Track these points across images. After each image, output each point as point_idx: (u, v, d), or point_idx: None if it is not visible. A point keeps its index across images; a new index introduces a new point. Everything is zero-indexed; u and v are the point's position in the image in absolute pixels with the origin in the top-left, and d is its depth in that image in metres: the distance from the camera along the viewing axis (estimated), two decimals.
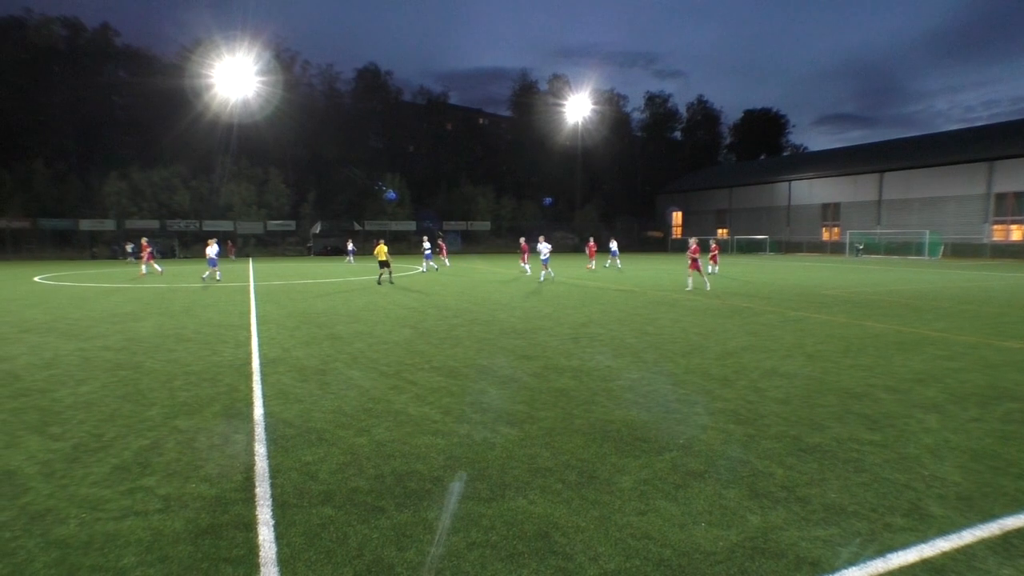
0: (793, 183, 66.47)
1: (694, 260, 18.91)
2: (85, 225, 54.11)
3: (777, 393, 6.69)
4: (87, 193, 55.63)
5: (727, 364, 8.20)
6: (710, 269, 23.04)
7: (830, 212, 62.52)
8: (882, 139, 70.00)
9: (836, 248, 59.86)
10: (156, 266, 28.27)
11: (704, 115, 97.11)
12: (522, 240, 30.66)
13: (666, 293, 18.20)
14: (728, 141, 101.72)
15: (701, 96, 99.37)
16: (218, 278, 23.52)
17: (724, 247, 68.37)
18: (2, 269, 33.59)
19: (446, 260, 33.85)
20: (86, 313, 13.82)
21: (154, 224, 55.72)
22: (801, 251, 62.85)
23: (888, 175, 57.00)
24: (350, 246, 42.93)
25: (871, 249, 54.85)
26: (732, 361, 8.40)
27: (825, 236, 62.87)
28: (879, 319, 12.52)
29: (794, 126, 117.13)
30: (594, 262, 31.51)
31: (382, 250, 21.41)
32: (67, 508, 3.91)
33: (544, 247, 22.84)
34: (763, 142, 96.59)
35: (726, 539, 3.51)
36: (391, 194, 65.03)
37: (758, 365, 8.13)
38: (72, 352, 9.13)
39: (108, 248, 52.25)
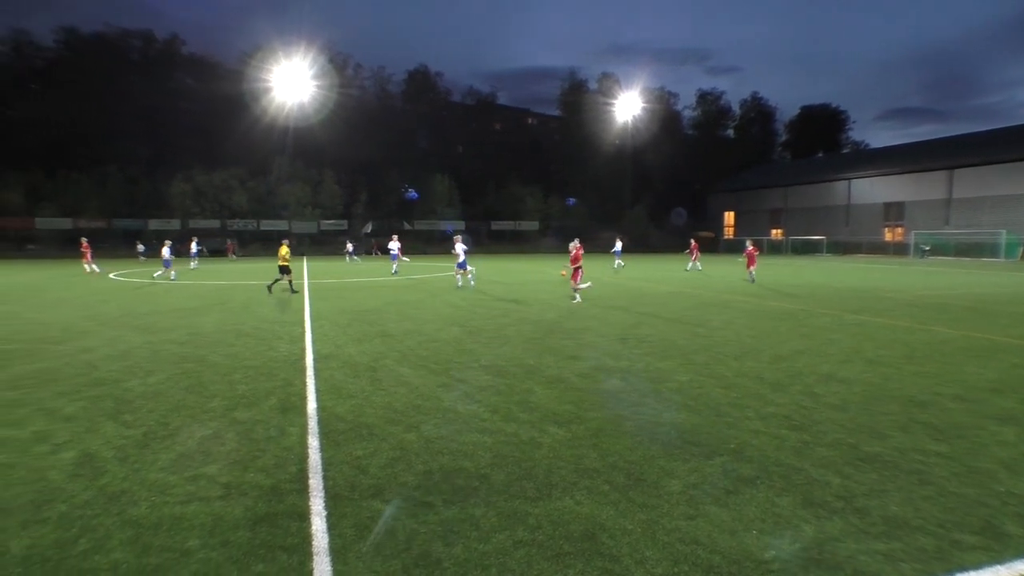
0: (853, 181, 63.87)
1: (752, 258, 22.48)
2: (153, 225, 57.03)
3: (834, 399, 6.46)
4: (155, 195, 58.55)
5: (780, 368, 7.97)
6: (751, 276, 22.44)
7: (893, 212, 59.77)
8: (953, 133, 66.41)
9: (899, 249, 57.16)
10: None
11: (758, 112, 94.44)
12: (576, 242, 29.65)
13: (717, 294, 17.80)
14: (783, 139, 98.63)
15: (755, 93, 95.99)
16: (172, 278, 23.64)
17: (779, 248, 66.46)
18: (81, 266, 35.69)
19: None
20: (154, 308, 14.53)
21: (215, 224, 58.16)
22: (860, 252, 60.28)
23: (959, 172, 54.03)
24: (349, 247, 42.83)
25: (938, 250, 52.07)
26: (786, 365, 8.16)
27: (887, 237, 60.18)
28: (947, 324, 11.91)
29: (854, 122, 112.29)
30: (697, 262, 29.89)
31: (284, 253, 18.38)
32: (139, 491, 4.14)
33: (460, 248, 19.64)
34: (821, 139, 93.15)
35: (778, 548, 3.42)
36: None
37: (813, 370, 7.87)
38: (142, 345, 9.63)
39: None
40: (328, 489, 4.18)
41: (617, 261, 31.72)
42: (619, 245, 32.20)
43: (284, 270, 18.22)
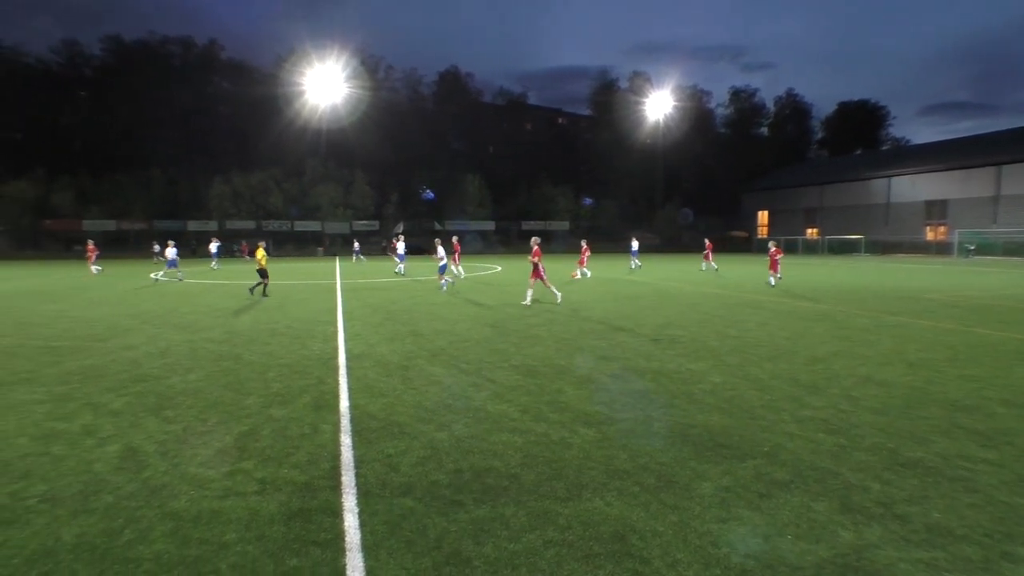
0: (893, 179, 62.05)
1: (775, 260, 20.62)
2: (192, 226, 58.66)
3: (872, 402, 6.29)
4: (194, 196, 60.24)
5: (816, 370, 7.80)
6: (772, 280, 20.66)
7: (936, 210, 57.90)
8: (1001, 128, 63.89)
9: (942, 249, 55.33)
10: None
11: (793, 109, 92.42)
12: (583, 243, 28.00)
13: (750, 295, 17.49)
14: (819, 136, 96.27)
15: (791, 89, 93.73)
16: (180, 278, 23.99)
17: (814, 248, 64.95)
18: (124, 266, 36.90)
19: (458, 268, 25.23)
20: (193, 307, 14.93)
21: (250, 224, 59.52)
22: (901, 252, 58.46)
23: (1008, 168, 52.03)
24: (356, 245, 43.22)
25: (984, 250, 50.15)
26: (822, 367, 7.97)
27: (929, 236, 58.30)
28: (994, 326, 11.48)
29: (895, 118, 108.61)
30: (712, 262, 29.26)
31: (261, 256, 17.71)
32: (179, 485, 4.26)
33: (441, 251, 19.18)
34: (859, 136, 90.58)
35: (814, 554, 3.35)
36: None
37: (851, 372, 7.67)
38: (182, 343, 9.90)
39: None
40: (360, 486, 4.24)
41: (634, 261, 31.42)
42: (635, 245, 31.96)
43: (262, 274, 17.47)
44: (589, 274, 25.11)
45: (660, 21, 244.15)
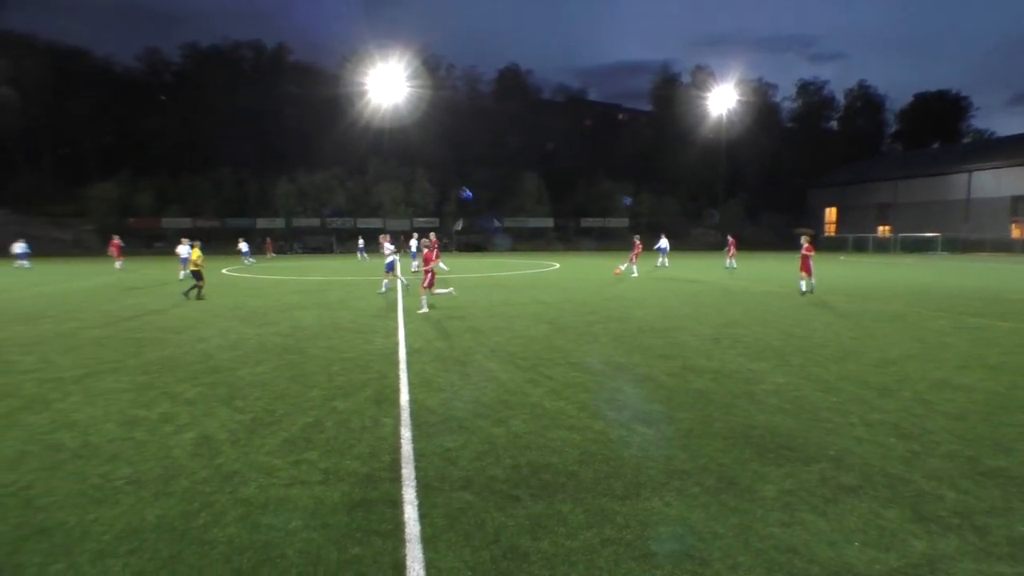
0: (974, 174, 58.03)
1: (806, 259, 16.57)
2: (261, 223, 61.18)
3: (949, 407, 5.93)
4: (262, 195, 62.83)
5: (887, 372, 7.41)
6: (803, 285, 16.73)
7: (1022, 206, 53.83)
8: None
9: None
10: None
11: (865, 101, 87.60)
12: (636, 238, 27.19)
13: (815, 294, 16.78)
14: (893, 129, 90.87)
15: (863, 81, 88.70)
16: (181, 277, 22.34)
17: (886, 246, 61.67)
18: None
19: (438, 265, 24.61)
20: (261, 302, 15.59)
21: (315, 222, 61.57)
22: (983, 250, 54.61)
23: None
24: (361, 243, 41.96)
25: None
26: (894, 370, 7.57)
27: (1015, 233, 54.28)
28: None
29: (978, 109, 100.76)
30: (733, 260, 28.82)
31: (197, 257, 16.35)
32: (249, 472, 4.47)
33: (388, 248, 17.89)
34: (937, 128, 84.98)
35: (884, 562, 3.19)
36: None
37: (925, 375, 7.25)
38: (251, 336, 10.36)
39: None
40: (420, 479, 4.32)
41: (661, 259, 30.37)
42: (665, 243, 30.87)
43: (197, 276, 16.12)
44: (636, 273, 24.01)
45: (724, 12, 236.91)
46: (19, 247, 34.65)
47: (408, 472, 4.45)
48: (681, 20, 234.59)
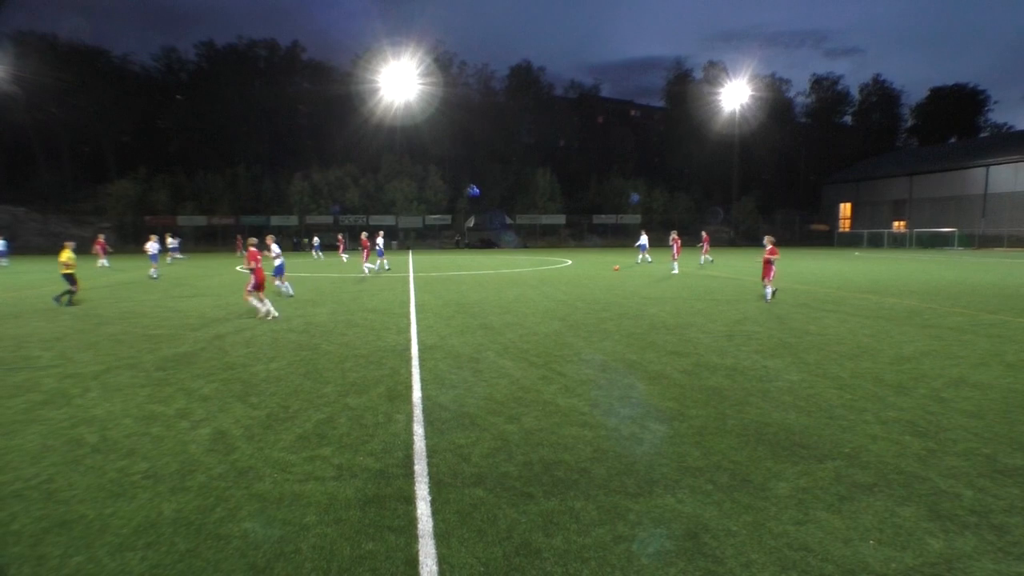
0: (992, 168, 57.00)
1: (768, 264, 14.28)
2: (275, 221, 61.61)
3: (966, 405, 5.85)
4: (276, 193, 63.27)
5: (903, 370, 7.32)
6: (769, 292, 14.23)
7: None
8: None
9: None
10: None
11: (881, 96, 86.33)
12: (674, 234, 26.97)
13: (830, 291, 16.62)
14: (909, 124, 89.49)
15: (878, 75, 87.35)
16: (153, 275, 22.90)
17: (901, 241, 60.91)
18: (213, 259, 39.28)
19: (367, 264, 24.54)
20: (273, 299, 15.67)
21: (328, 219, 61.89)
22: (1000, 246, 53.63)
23: None
24: (316, 241, 40.23)
25: None
26: (909, 367, 7.48)
27: None
28: None
29: (996, 103, 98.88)
30: (707, 255, 29.22)
31: (67, 258, 14.74)
32: (263, 468, 4.51)
33: (276, 248, 15.34)
34: (953, 123, 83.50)
35: (900, 561, 3.16)
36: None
37: (941, 373, 7.16)
38: (265, 333, 10.45)
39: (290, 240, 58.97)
40: (432, 475, 4.34)
41: (641, 255, 30.37)
42: (644, 239, 30.81)
43: (69, 279, 14.60)
44: (676, 270, 23.50)
45: (738, 7, 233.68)
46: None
47: (421, 468, 4.47)
48: (694, 16, 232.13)
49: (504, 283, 19.49)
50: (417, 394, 6.47)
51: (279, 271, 15.97)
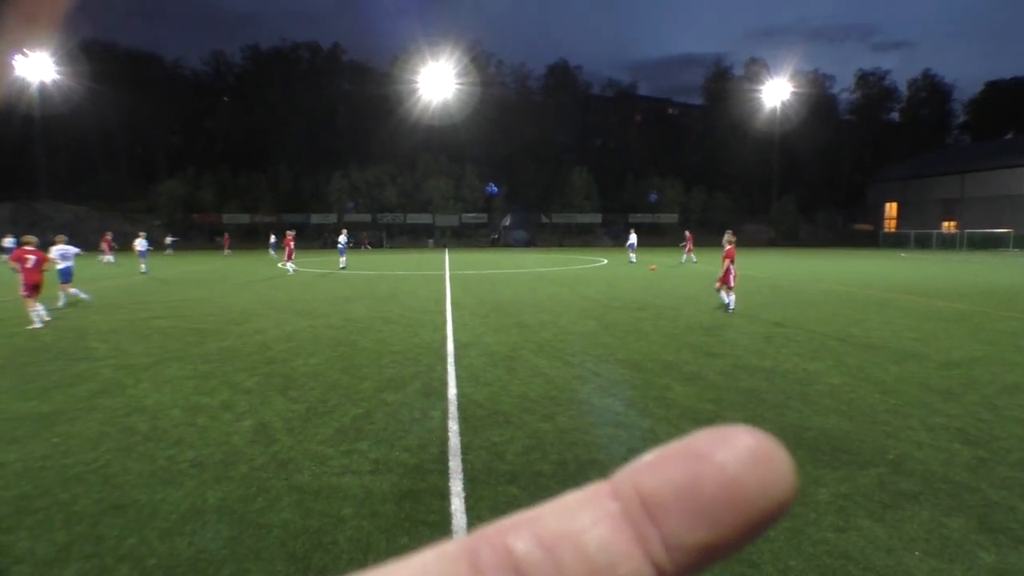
0: None
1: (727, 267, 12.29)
2: (315, 219, 62.96)
3: (1021, 413, 5.62)
4: (316, 191, 64.67)
5: (952, 375, 7.06)
6: (727, 300, 12.37)
7: None
8: None
9: None
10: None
11: (931, 91, 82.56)
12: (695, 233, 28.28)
13: (873, 292, 16.11)
14: (961, 120, 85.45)
15: (928, 70, 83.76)
16: (143, 270, 23.78)
17: (951, 242, 58.47)
18: (255, 256, 40.34)
19: (289, 264, 24.14)
20: (314, 295, 16.06)
21: (366, 217, 62.93)
22: None
23: None
24: (272, 239, 36.38)
25: None
26: (959, 372, 7.21)
27: None
28: None
29: None
30: (691, 255, 28.99)
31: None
32: (303, 460, 4.63)
33: (141, 243, 15.57)
34: (1010, 118, 78.98)
35: (948, 574, 3.07)
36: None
37: (994, 379, 6.87)
38: (305, 328, 10.70)
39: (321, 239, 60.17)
40: (467, 472, 4.39)
41: (631, 255, 30.17)
42: (633, 238, 30.99)
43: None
44: (693, 260, 23.63)
45: (779, 1, 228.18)
46: (8, 241, 32.02)
47: (455, 464, 4.52)
48: (734, 11, 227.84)
49: (539, 282, 19.49)
50: (452, 391, 6.54)
51: (66, 276, 13.59)
